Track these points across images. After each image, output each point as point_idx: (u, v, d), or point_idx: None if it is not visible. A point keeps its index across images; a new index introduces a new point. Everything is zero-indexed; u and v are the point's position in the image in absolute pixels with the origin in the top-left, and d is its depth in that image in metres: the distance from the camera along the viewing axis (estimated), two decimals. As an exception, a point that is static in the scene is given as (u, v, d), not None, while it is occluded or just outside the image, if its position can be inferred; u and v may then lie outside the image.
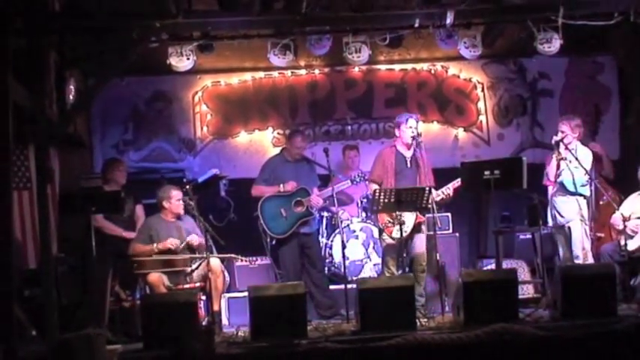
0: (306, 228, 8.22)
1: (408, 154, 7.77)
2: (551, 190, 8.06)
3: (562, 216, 7.93)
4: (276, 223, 8.15)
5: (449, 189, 7.68)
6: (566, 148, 7.81)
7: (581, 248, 7.78)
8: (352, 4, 7.62)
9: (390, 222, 7.54)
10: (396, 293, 6.66)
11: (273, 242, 8.25)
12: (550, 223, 8.11)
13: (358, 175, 8.36)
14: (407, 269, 7.55)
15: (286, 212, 8.13)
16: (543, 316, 7.03)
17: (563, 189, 7.92)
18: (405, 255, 7.55)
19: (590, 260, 7.81)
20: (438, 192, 7.65)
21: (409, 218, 7.56)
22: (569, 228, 7.87)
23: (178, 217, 7.82)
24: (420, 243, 7.69)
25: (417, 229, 7.64)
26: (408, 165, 7.76)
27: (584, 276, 6.80)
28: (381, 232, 7.77)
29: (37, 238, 7.31)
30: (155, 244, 7.54)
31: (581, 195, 7.88)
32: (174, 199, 7.73)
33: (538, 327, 6.33)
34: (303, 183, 8.21)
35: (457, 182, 7.63)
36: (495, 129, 10.29)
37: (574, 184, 7.84)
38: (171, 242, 7.55)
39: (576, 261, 7.75)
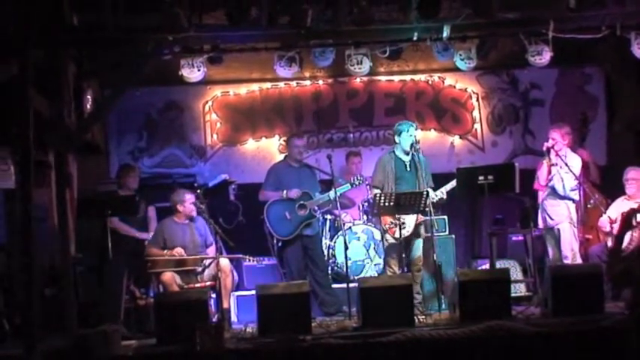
0: (309, 230, 8.24)
1: (407, 159, 7.79)
2: (541, 194, 8.07)
3: (552, 219, 7.93)
4: (281, 226, 8.16)
5: (443, 193, 7.70)
6: (557, 154, 7.82)
7: (570, 249, 7.79)
8: (354, 18, 7.62)
9: (392, 223, 7.55)
10: (395, 292, 6.68)
11: (279, 244, 8.26)
12: (541, 225, 8.11)
13: (357, 178, 8.35)
14: (405, 269, 7.57)
15: (290, 215, 8.14)
16: (534, 313, 7.06)
17: (553, 193, 7.92)
18: (404, 255, 7.57)
19: (579, 260, 7.81)
20: (437, 192, 7.68)
21: (410, 219, 7.58)
22: (558, 230, 7.88)
23: (191, 219, 7.89)
24: (417, 246, 7.71)
25: (415, 233, 7.66)
26: (408, 169, 7.77)
27: (572, 275, 6.82)
28: (383, 233, 7.79)
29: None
30: (166, 251, 7.66)
31: (570, 199, 7.88)
32: (188, 202, 7.82)
33: (529, 323, 6.35)
34: (304, 188, 8.23)
35: (453, 184, 7.64)
36: (489, 136, 10.29)
37: (564, 188, 7.85)
38: (178, 252, 7.66)
39: (565, 261, 7.75)
